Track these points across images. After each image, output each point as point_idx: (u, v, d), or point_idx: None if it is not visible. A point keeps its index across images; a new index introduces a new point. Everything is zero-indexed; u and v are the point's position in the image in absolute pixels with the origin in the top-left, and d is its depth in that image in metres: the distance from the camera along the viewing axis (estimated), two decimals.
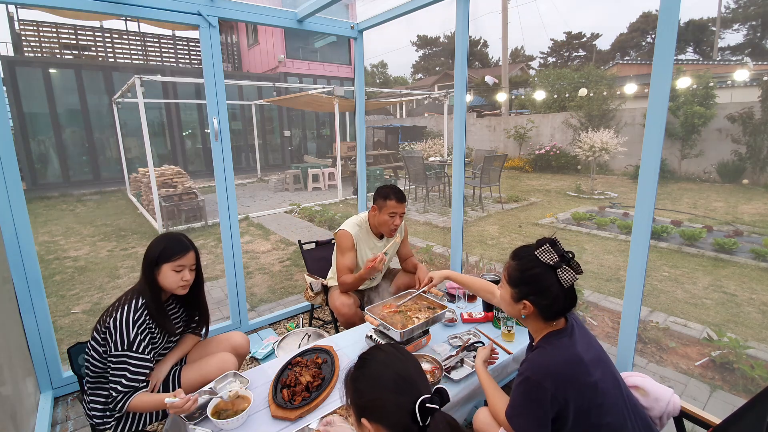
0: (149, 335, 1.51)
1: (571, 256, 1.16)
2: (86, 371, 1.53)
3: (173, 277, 1.53)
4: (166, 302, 1.64)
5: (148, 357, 1.46)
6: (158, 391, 1.60)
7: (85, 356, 1.52)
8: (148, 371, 1.46)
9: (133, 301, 1.48)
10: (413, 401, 0.82)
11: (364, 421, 0.86)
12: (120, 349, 1.39)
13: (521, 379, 1.17)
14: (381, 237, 2.43)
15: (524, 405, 1.15)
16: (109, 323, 1.43)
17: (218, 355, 1.72)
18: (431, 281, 1.94)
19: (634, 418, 1.17)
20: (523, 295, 1.20)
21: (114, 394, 1.39)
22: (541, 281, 1.16)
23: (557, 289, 1.15)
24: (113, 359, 1.40)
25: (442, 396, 0.85)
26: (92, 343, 1.49)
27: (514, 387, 1.19)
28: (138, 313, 1.46)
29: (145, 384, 1.46)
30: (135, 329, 1.42)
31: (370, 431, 0.86)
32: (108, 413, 1.52)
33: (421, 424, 0.81)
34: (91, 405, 1.52)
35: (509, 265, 1.25)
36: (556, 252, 1.16)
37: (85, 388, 1.55)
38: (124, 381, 1.39)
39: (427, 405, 0.81)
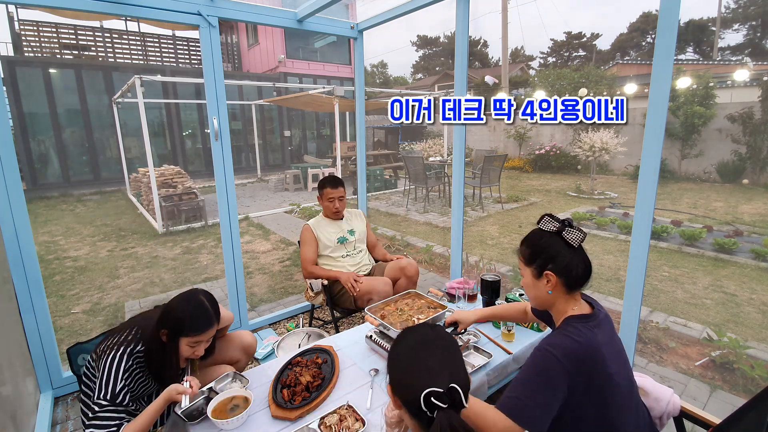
0: (139, 381, 1.44)
1: (569, 221, 1.22)
2: (84, 391, 1.47)
3: (185, 351, 1.42)
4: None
5: (132, 408, 1.38)
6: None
7: (84, 376, 1.47)
8: (127, 418, 1.35)
9: (131, 346, 1.39)
10: (422, 390, 0.82)
11: (388, 388, 0.95)
12: (102, 398, 1.30)
13: (534, 352, 1.11)
14: (341, 218, 2.74)
15: (529, 379, 1.09)
16: (102, 360, 1.36)
17: (220, 368, 1.72)
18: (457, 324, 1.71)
19: (640, 421, 1.16)
20: (540, 267, 1.21)
21: None
22: (551, 247, 1.20)
23: (568, 252, 1.18)
24: (96, 406, 1.30)
25: (452, 396, 0.82)
26: (89, 366, 1.45)
27: (523, 367, 1.14)
28: (131, 361, 1.38)
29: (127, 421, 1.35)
30: (122, 381, 1.34)
31: (392, 398, 0.94)
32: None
33: (428, 414, 0.81)
34: None
35: (520, 251, 1.29)
36: (556, 220, 1.22)
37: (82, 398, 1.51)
38: (105, 428, 1.29)
39: (432, 399, 0.81)
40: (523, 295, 2.10)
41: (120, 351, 1.37)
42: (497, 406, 1.09)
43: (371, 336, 1.84)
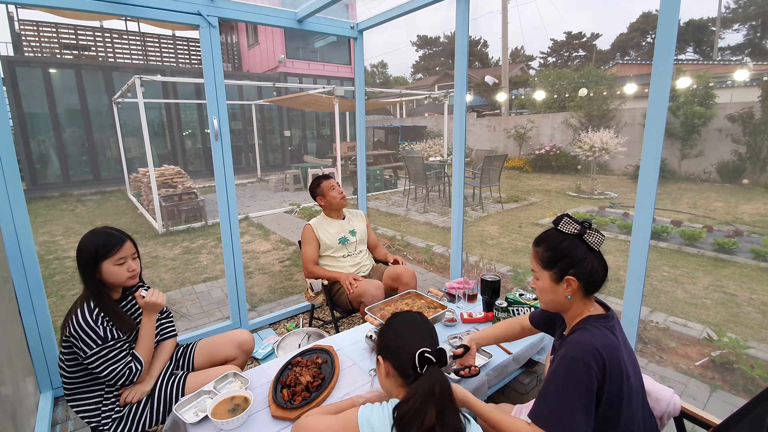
0: (113, 330, 1.50)
1: (589, 223, 1.17)
2: (63, 381, 1.52)
3: (118, 271, 1.51)
4: (120, 301, 1.61)
5: (125, 338, 1.52)
6: (157, 400, 1.59)
7: (59, 369, 1.52)
8: (129, 345, 1.54)
9: (84, 305, 1.45)
10: (416, 351, 1.04)
11: (379, 357, 1.13)
12: (96, 346, 1.42)
13: (561, 361, 1.09)
14: (343, 219, 2.76)
15: (564, 392, 1.06)
16: (68, 334, 1.42)
17: (221, 368, 1.72)
18: (464, 351, 1.60)
19: (647, 425, 1.17)
20: (562, 271, 1.16)
21: (121, 378, 1.47)
22: (574, 251, 1.15)
23: (591, 256, 1.15)
24: (93, 357, 1.42)
25: (440, 355, 1.04)
26: (60, 356, 1.50)
27: (549, 375, 1.12)
28: (94, 315, 1.44)
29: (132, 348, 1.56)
30: (97, 326, 1.43)
31: (382, 366, 1.12)
32: (103, 414, 1.52)
33: (419, 370, 1.03)
34: (81, 410, 1.52)
35: (536, 252, 1.22)
36: (576, 222, 1.17)
37: (66, 397, 1.54)
38: (119, 366, 1.47)
39: (425, 355, 1.03)
40: (523, 295, 2.10)
41: (77, 314, 1.44)
42: (529, 415, 1.11)
43: (371, 336, 1.84)
